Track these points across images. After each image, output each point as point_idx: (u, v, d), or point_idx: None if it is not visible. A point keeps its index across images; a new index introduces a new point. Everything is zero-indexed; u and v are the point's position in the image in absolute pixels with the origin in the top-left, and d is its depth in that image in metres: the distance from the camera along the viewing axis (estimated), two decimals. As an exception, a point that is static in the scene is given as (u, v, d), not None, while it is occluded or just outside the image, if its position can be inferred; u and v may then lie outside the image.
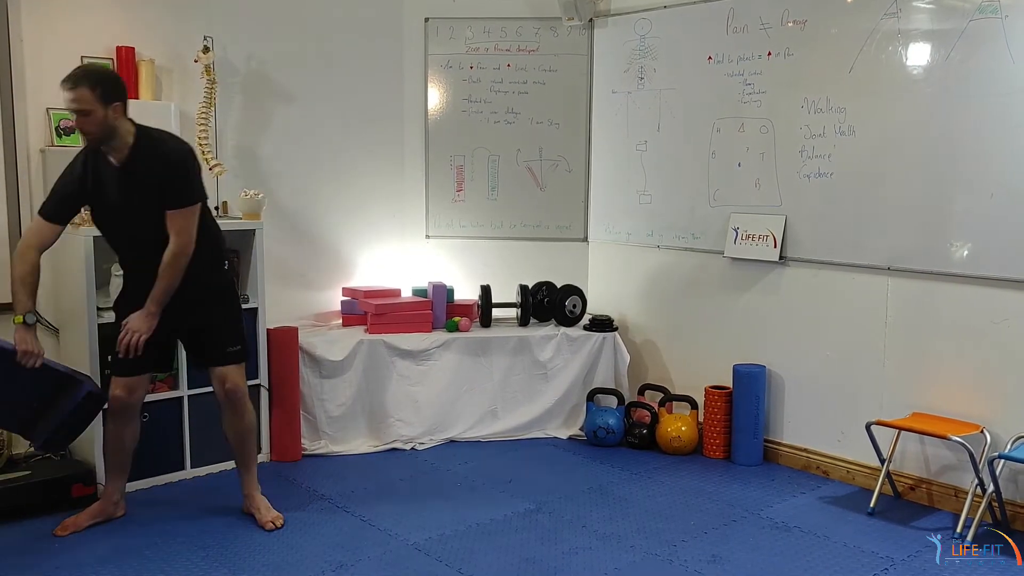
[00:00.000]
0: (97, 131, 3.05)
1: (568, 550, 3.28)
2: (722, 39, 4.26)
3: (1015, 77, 3.34)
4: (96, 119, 3.02)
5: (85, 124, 3.04)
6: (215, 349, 3.40)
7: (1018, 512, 3.46)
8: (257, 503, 3.53)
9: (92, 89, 3.00)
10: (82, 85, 2.99)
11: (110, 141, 3.10)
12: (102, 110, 3.02)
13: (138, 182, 3.12)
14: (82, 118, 3.03)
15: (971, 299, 3.54)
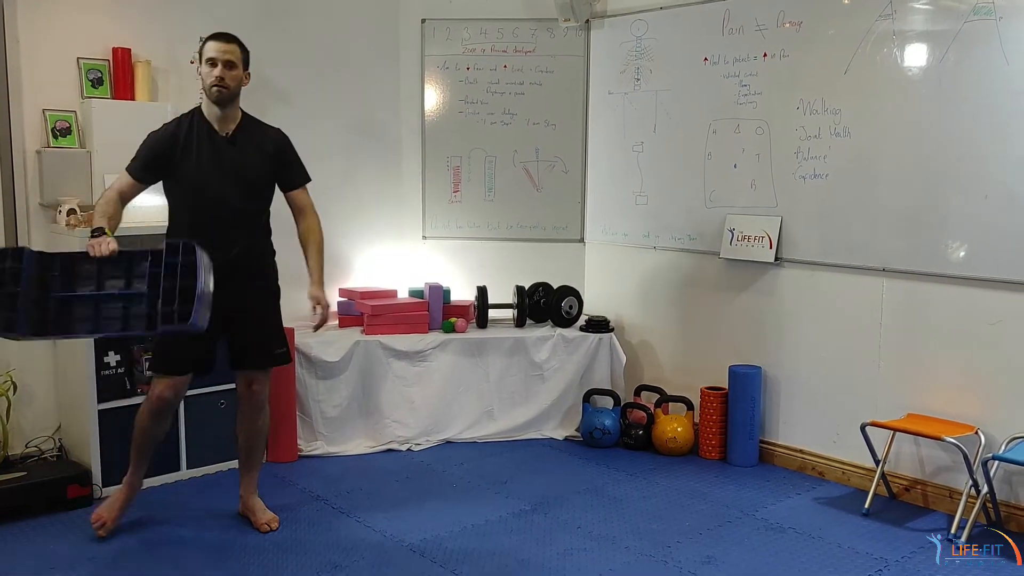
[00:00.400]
0: (233, 87, 3.19)
1: (563, 551, 3.28)
2: (718, 40, 4.27)
3: (1009, 79, 3.35)
4: (236, 76, 3.20)
5: (227, 77, 3.16)
6: (261, 350, 3.38)
7: (1012, 513, 3.47)
8: (253, 505, 3.52)
9: (241, 49, 3.24)
10: (235, 42, 3.23)
11: (229, 105, 3.23)
12: (241, 71, 3.22)
13: (244, 155, 3.25)
14: (226, 70, 3.16)
15: (966, 300, 3.55)
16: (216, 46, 3.19)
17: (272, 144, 3.32)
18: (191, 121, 3.25)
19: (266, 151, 3.29)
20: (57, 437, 3.97)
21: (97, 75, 3.92)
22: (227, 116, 3.24)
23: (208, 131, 3.23)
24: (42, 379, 3.94)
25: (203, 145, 3.22)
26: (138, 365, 3.87)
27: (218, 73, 3.15)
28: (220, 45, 3.19)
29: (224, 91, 3.17)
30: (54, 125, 3.84)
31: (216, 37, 3.22)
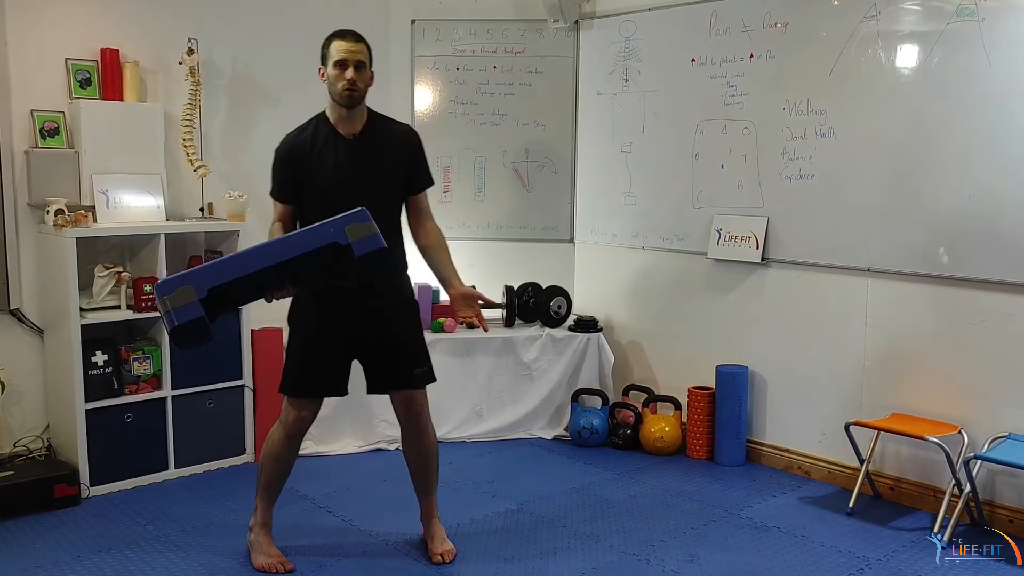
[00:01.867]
0: (363, 88, 2.97)
1: (547, 550, 3.30)
2: (705, 41, 4.28)
3: (992, 80, 3.36)
4: (366, 76, 2.98)
5: (358, 79, 2.94)
6: (404, 370, 3.07)
7: (995, 512, 3.48)
8: (432, 532, 3.24)
9: (368, 49, 3.01)
10: (363, 40, 3.00)
11: (357, 107, 2.99)
12: (369, 71, 3.00)
13: (371, 156, 3.01)
14: (356, 72, 2.93)
15: (949, 300, 3.56)
16: (344, 46, 2.94)
17: (401, 143, 3.06)
18: (315, 127, 3.04)
19: (395, 150, 3.04)
20: (45, 436, 3.98)
21: (85, 76, 3.94)
22: (354, 117, 3.01)
23: (333, 134, 3.00)
24: (30, 378, 3.95)
25: (328, 150, 2.99)
26: (125, 365, 3.88)
27: (349, 76, 2.92)
28: (349, 45, 2.94)
29: (355, 94, 2.95)
30: (42, 125, 3.85)
31: (343, 36, 2.97)
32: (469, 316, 3.08)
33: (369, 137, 3.02)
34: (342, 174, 2.98)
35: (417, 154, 3.11)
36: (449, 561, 3.18)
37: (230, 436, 4.19)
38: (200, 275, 2.58)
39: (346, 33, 3.00)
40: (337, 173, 2.98)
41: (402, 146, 3.06)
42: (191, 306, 2.51)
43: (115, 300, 3.86)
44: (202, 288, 2.54)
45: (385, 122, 3.11)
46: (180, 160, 4.17)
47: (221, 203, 4.23)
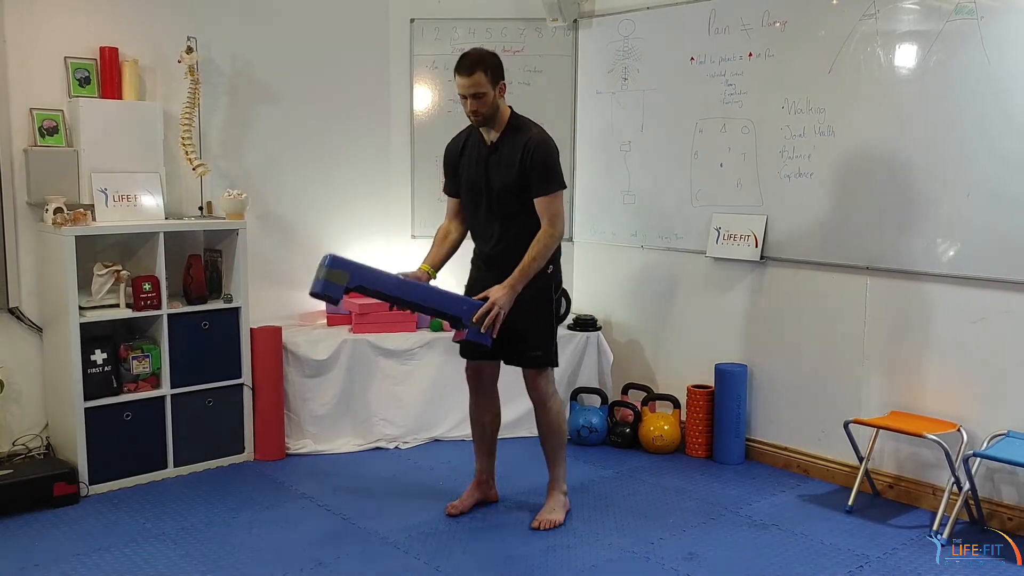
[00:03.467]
0: (488, 111, 3.25)
1: (546, 548, 3.30)
2: (704, 40, 4.29)
3: (991, 78, 3.37)
4: (488, 100, 3.23)
5: (479, 106, 3.23)
6: (515, 350, 3.41)
7: (995, 510, 3.48)
8: (546, 500, 3.55)
9: (486, 72, 3.21)
10: (478, 70, 3.20)
11: (492, 121, 3.29)
12: (492, 91, 3.23)
13: (500, 162, 3.31)
14: (476, 101, 3.22)
15: (948, 298, 3.57)
16: (461, 82, 3.23)
17: (524, 151, 3.27)
18: (471, 132, 3.42)
19: (515, 159, 3.28)
20: (44, 435, 3.98)
21: (84, 74, 3.93)
22: (491, 128, 3.32)
23: (480, 140, 3.37)
24: (29, 377, 3.95)
25: (473, 153, 3.37)
26: (124, 363, 3.88)
27: (470, 108, 3.25)
28: (463, 81, 3.22)
29: (481, 118, 3.27)
30: (41, 124, 3.85)
31: (459, 70, 3.23)
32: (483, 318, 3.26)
33: (502, 144, 3.32)
34: (477, 175, 3.37)
35: (531, 162, 3.27)
36: (544, 528, 3.43)
37: (229, 434, 4.18)
38: (361, 272, 3.15)
39: (461, 67, 3.24)
40: (475, 174, 3.38)
41: (520, 154, 3.28)
42: (336, 287, 3.10)
43: (114, 298, 3.85)
44: (354, 281, 3.12)
45: (519, 130, 3.32)
46: (179, 159, 4.17)
47: (220, 202, 4.23)
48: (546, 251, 3.30)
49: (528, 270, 3.27)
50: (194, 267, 4.10)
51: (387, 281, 3.22)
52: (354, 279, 3.12)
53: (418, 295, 3.26)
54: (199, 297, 4.09)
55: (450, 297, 3.29)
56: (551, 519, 3.48)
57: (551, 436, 3.54)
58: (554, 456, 3.56)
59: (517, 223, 3.34)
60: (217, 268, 4.23)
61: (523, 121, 3.37)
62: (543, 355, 3.44)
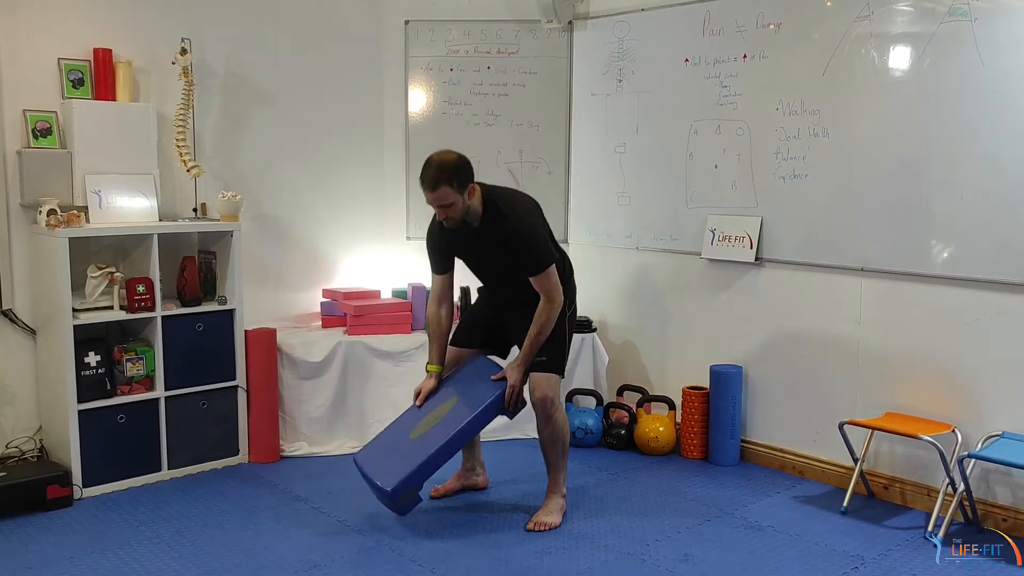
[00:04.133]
0: (459, 217, 3.31)
1: (541, 550, 3.29)
2: (699, 41, 4.29)
3: (985, 79, 3.38)
4: (457, 208, 3.27)
5: (449, 213, 3.28)
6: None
7: (989, 511, 3.49)
8: (545, 501, 3.58)
9: (450, 184, 3.22)
10: (442, 185, 3.22)
11: (468, 218, 3.35)
12: (461, 199, 3.25)
13: (490, 245, 3.39)
14: (445, 211, 3.27)
15: (943, 300, 3.57)
16: (426, 196, 3.28)
17: (511, 237, 3.34)
18: None
19: (504, 243, 3.36)
20: (37, 438, 3.97)
21: (78, 75, 3.92)
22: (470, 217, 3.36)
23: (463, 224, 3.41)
24: (23, 380, 3.94)
25: (460, 236, 3.43)
26: (118, 365, 3.87)
27: (439, 217, 3.32)
28: (427, 195, 3.26)
29: (451, 223, 3.33)
30: (34, 125, 3.83)
31: (423, 183, 3.26)
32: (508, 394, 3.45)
33: (485, 229, 3.38)
34: (473, 256, 3.54)
35: (516, 247, 3.36)
36: (539, 530, 3.45)
37: (223, 437, 4.17)
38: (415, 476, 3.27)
39: (425, 180, 3.26)
40: (470, 255, 3.54)
41: (504, 241, 3.36)
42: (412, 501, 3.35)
43: (108, 300, 3.84)
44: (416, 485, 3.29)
45: (497, 218, 3.36)
46: (173, 160, 4.16)
47: (214, 203, 4.23)
48: (549, 324, 3.39)
49: (535, 345, 3.41)
50: (188, 269, 4.09)
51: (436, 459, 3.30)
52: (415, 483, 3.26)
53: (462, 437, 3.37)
54: (193, 299, 4.08)
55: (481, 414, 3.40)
56: (547, 521, 3.49)
57: (554, 446, 3.54)
58: (556, 464, 3.58)
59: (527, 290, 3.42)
60: (211, 270, 4.22)
61: (498, 206, 3.36)
62: (548, 360, 3.47)
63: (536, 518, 3.50)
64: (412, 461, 3.26)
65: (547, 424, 3.49)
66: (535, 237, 3.36)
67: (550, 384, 3.46)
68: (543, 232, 3.43)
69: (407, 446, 3.34)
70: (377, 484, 3.25)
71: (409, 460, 3.28)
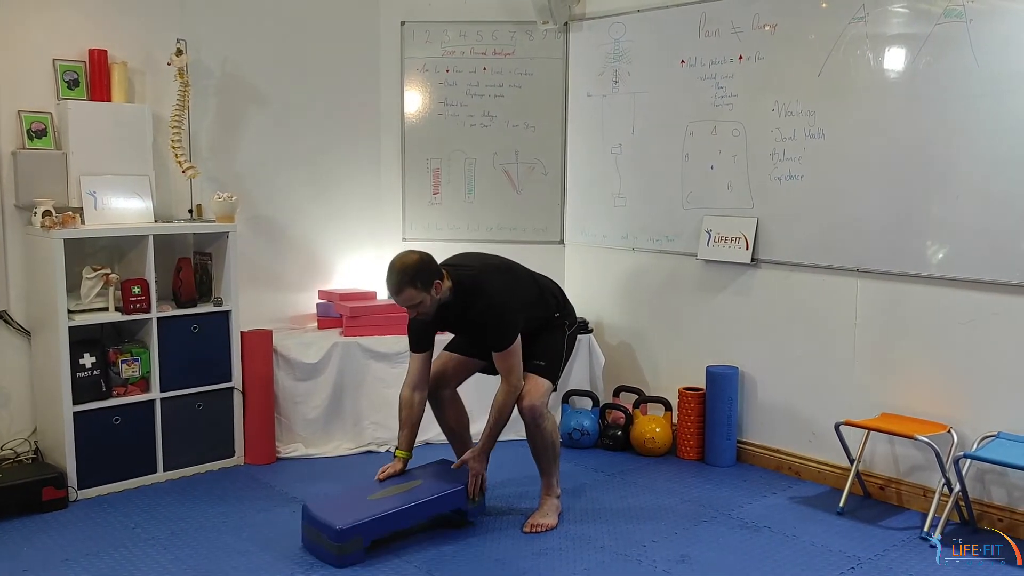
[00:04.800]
0: (430, 311, 3.33)
1: (538, 551, 3.29)
2: (694, 43, 4.29)
3: (980, 80, 3.38)
4: (426, 304, 3.29)
5: (419, 311, 3.31)
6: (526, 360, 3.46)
7: (985, 511, 3.49)
8: (540, 503, 3.59)
9: (414, 285, 3.23)
10: (406, 288, 3.23)
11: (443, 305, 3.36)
12: (428, 296, 3.27)
13: (466, 321, 3.44)
14: (414, 308, 3.30)
15: (938, 300, 3.58)
16: (394, 299, 3.31)
17: (480, 317, 3.38)
18: None
19: (476, 320, 3.40)
20: (32, 439, 3.96)
21: (73, 76, 3.92)
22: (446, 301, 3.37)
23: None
24: (17, 381, 3.93)
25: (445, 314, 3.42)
26: (113, 367, 3.86)
27: (411, 315, 3.38)
28: (395, 299, 3.29)
29: (421, 316, 3.36)
30: (30, 126, 3.82)
31: (388, 288, 3.28)
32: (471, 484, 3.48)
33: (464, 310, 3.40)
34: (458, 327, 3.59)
35: (487, 328, 3.39)
36: (535, 532, 3.46)
37: (219, 439, 4.16)
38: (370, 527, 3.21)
39: (388, 285, 3.27)
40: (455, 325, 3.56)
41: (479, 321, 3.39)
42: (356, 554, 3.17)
43: (103, 302, 3.83)
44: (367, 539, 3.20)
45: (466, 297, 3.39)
46: (168, 161, 4.15)
47: (210, 204, 4.22)
48: (507, 409, 3.42)
49: (495, 433, 3.43)
50: (184, 270, 4.08)
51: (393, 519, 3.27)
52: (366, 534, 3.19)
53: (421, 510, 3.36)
54: (189, 300, 4.07)
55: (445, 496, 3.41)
56: (543, 523, 3.49)
57: (545, 452, 3.53)
58: (548, 469, 3.58)
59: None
60: (207, 271, 4.21)
61: (467, 289, 3.38)
62: (545, 366, 3.49)
63: (532, 520, 3.50)
64: (369, 512, 3.22)
65: (536, 432, 3.47)
66: (505, 315, 3.36)
67: (540, 392, 3.44)
68: (514, 311, 3.40)
69: (364, 504, 3.30)
70: (326, 524, 3.15)
71: (365, 511, 3.23)
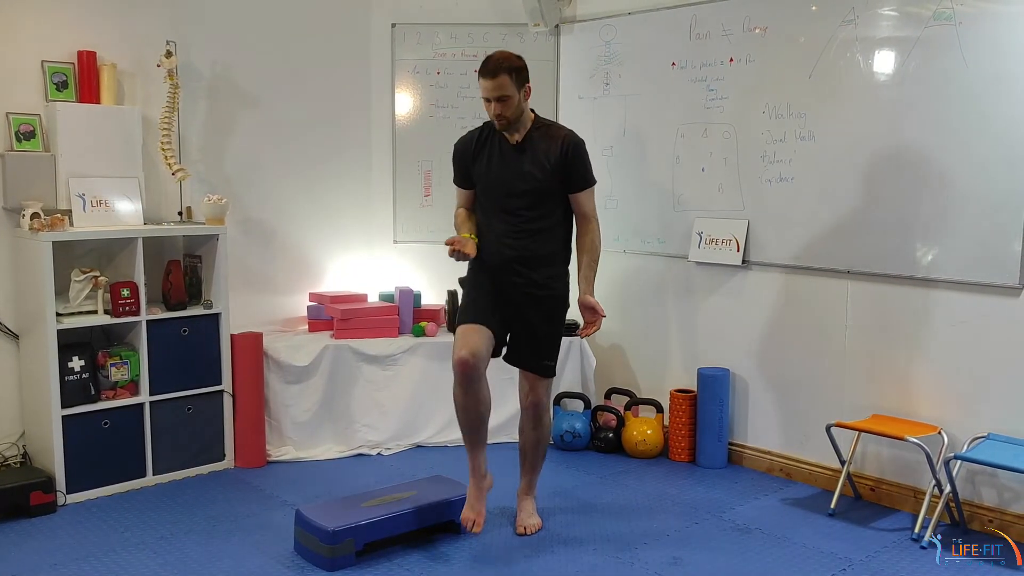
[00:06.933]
0: (513, 115, 3.20)
1: (529, 554, 3.28)
2: (685, 45, 4.30)
3: (969, 83, 3.40)
4: (513, 103, 3.18)
5: (504, 109, 3.17)
6: (533, 356, 3.39)
7: (975, 512, 3.50)
8: (522, 505, 3.55)
9: (510, 75, 3.15)
10: (502, 72, 3.13)
11: (517, 124, 3.25)
12: (518, 95, 3.18)
13: (532, 161, 3.26)
14: (500, 104, 3.16)
15: (929, 302, 3.59)
16: (484, 84, 3.17)
17: (558, 149, 3.25)
18: (486, 131, 3.35)
19: (551, 157, 3.25)
20: (20, 443, 3.93)
21: (62, 78, 3.89)
22: (515, 128, 3.27)
23: (501, 138, 3.30)
24: (5, 384, 3.90)
25: (494, 152, 3.31)
26: (102, 370, 3.84)
27: (495, 111, 3.20)
28: (487, 83, 3.16)
29: (505, 121, 3.22)
30: (18, 128, 3.80)
31: (483, 72, 3.17)
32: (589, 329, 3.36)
33: (530, 143, 3.27)
34: (498, 177, 3.31)
35: (574, 157, 3.27)
36: (531, 533, 3.44)
37: (209, 442, 4.14)
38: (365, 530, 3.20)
39: (484, 70, 3.17)
40: (495, 175, 3.32)
41: (558, 150, 3.25)
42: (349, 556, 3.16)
43: (92, 305, 3.81)
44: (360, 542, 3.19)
45: (548, 129, 3.32)
46: (158, 163, 4.13)
47: (200, 207, 4.20)
48: (599, 247, 3.36)
49: (592, 275, 3.35)
50: (173, 273, 4.06)
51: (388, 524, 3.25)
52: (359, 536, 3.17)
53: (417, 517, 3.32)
54: (178, 303, 4.05)
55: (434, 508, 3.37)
56: (535, 523, 3.49)
57: (539, 447, 3.52)
58: (537, 466, 3.57)
59: (541, 232, 3.32)
60: (197, 274, 4.19)
61: (550, 121, 3.38)
62: (554, 365, 3.45)
63: (525, 522, 3.49)
64: (363, 516, 3.22)
65: (537, 426, 3.47)
66: (585, 150, 3.31)
67: (547, 390, 3.47)
68: None
69: (357, 509, 3.29)
70: (319, 526, 3.15)
71: (359, 515, 3.22)
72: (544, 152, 3.26)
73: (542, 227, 3.31)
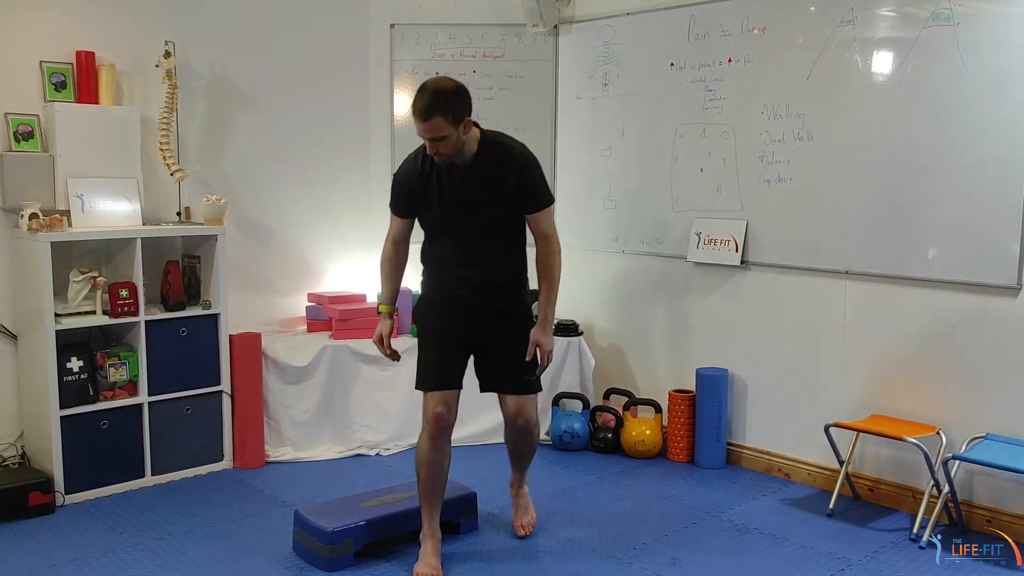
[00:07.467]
0: (452, 151, 2.97)
1: (528, 554, 3.28)
2: (684, 46, 4.30)
3: (967, 83, 3.40)
4: (450, 143, 2.93)
5: (441, 147, 2.94)
6: (513, 375, 3.20)
7: (973, 512, 3.51)
8: (517, 501, 3.51)
9: (445, 115, 2.87)
10: (436, 115, 2.86)
11: (459, 155, 3.02)
12: (456, 133, 2.92)
13: (484, 180, 3.06)
14: (437, 144, 2.93)
15: (927, 302, 3.59)
16: (418, 127, 2.91)
17: (512, 171, 3.06)
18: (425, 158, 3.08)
19: (505, 180, 3.06)
20: (19, 444, 3.92)
21: (60, 78, 3.89)
22: (461, 153, 3.02)
23: (448, 163, 3.05)
24: (4, 385, 3.89)
25: (443, 178, 3.07)
26: (100, 371, 3.84)
27: (431, 150, 2.97)
28: (419, 125, 2.90)
29: (442, 158, 2.99)
30: (16, 129, 3.80)
31: (415, 112, 2.89)
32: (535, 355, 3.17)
33: (479, 166, 3.06)
34: (457, 197, 3.08)
35: (530, 178, 3.10)
36: (530, 533, 3.43)
37: (208, 443, 4.14)
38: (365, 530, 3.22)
39: (417, 110, 2.89)
40: (452, 198, 3.08)
41: (512, 170, 3.07)
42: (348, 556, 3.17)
43: (90, 305, 3.80)
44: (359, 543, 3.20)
45: (498, 148, 3.09)
46: (157, 164, 4.13)
47: (199, 207, 4.20)
48: (558, 270, 3.18)
49: (554, 302, 3.17)
50: (172, 273, 4.06)
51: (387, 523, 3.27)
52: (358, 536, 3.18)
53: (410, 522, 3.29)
54: (177, 303, 4.05)
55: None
56: (532, 518, 3.50)
57: (528, 454, 3.45)
58: (527, 464, 3.50)
59: (501, 257, 3.17)
60: (195, 274, 4.19)
61: (497, 138, 3.11)
62: (537, 381, 3.28)
63: (524, 520, 3.48)
64: (362, 517, 3.21)
65: (529, 437, 3.35)
66: (540, 168, 3.13)
67: (536, 406, 3.30)
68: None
69: (356, 510, 3.29)
70: (318, 527, 3.13)
71: (358, 516, 3.22)
72: (498, 176, 3.06)
73: (497, 251, 3.15)
